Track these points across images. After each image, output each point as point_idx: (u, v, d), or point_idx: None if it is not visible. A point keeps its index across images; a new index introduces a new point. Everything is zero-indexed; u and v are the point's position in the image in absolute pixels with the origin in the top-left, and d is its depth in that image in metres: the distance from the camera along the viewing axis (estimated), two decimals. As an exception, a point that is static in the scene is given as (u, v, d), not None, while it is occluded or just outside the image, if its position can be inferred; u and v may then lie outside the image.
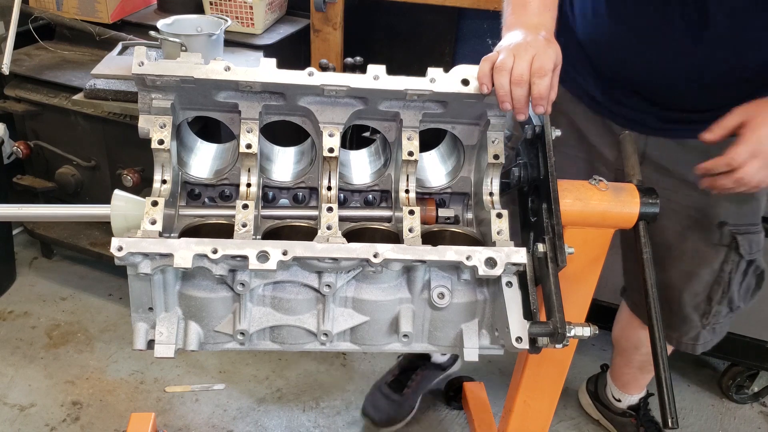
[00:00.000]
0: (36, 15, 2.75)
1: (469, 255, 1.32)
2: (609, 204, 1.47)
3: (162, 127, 1.39)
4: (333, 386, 2.61)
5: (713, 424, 2.58)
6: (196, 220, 1.51)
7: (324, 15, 2.95)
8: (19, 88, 2.67)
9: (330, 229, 1.38)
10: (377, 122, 1.55)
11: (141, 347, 1.40)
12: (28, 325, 2.80)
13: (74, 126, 2.63)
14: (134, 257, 1.27)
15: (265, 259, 1.28)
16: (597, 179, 1.50)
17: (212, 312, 1.41)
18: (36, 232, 2.98)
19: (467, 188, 1.60)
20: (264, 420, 2.45)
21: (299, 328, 1.44)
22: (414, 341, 1.48)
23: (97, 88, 2.36)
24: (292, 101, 1.44)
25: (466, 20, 3.14)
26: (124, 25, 2.85)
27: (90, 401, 2.47)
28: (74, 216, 1.62)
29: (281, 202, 1.61)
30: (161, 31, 2.34)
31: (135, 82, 1.37)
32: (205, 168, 1.59)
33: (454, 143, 1.63)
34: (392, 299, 1.43)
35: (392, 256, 1.31)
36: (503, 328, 1.37)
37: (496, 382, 2.62)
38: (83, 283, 3.05)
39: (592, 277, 1.59)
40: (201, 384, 2.57)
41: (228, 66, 1.35)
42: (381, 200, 1.63)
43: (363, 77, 1.39)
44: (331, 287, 1.38)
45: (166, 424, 2.40)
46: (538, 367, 1.77)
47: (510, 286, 1.38)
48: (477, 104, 1.45)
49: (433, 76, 1.40)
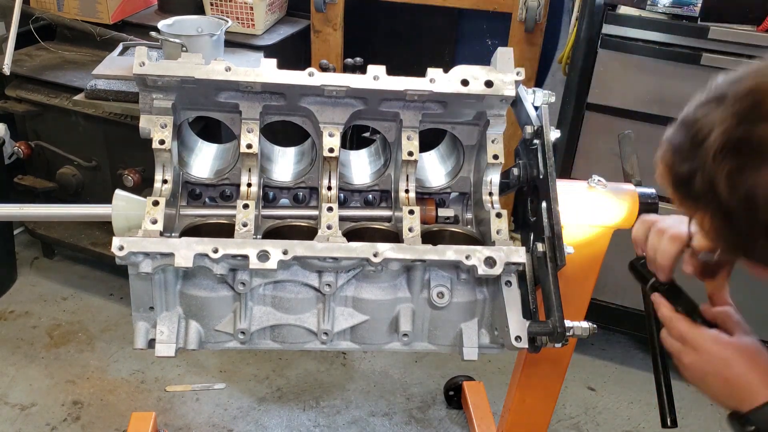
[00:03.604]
0: (37, 15, 2.76)
1: (469, 254, 1.33)
2: (608, 203, 1.48)
3: (163, 127, 1.40)
4: (333, 385, 2.61)
5: (713, 424, 2.58)
6: (196, 219, 1.51)
7: (324, 16, 2.96)
8: (20, 88, 2.68)
9: (330, 228, 1.38)
10: (377, 122, 1.55)
11: (142, 346, 1.40)
12: (29, 324, 2.81)
13: (75, 126, 2.64)
14: (135, 257, 1.28)
15: (266, 259, 1.28)
16: (596, 179, 1.50)
17: (213, 311, 1.41)
18: (37, 232, 2.98)
19: (467, 188, 1.60)
20: (264, 419, 2.45)
21: (299, 327, 1.44)
22: (414, 340, 1.48)
23: (97, 89, 2.37)
24: (292, 101, 1.45)
25: (466, 21, 3.15)
26: (124, 25, 2.85)
27: (91, 401, 2.48)
28: (75, 216, 1.62)
29: (281, 201, 1.62)
30: (162, 32, 2.34)
31: (136, 82, 1.37)
32: (206, 168, 1.59)
33: (454, 143, 1.63)
34: (392, 298, 1.44)
35: (392, 256, 1.32)
36: (503, 327, 1.37)
37: (496, 381, 2.63)
38: (84, 282, 3.05)
39: (592, 276, 1.60)
40: (201, 383, 2.58)
41: (229, 66, 1.36)
42: (381, 200, 1.63)
43: (363, 77, 1.39)
44: (332, 286, 1.38)
45: (166, 423, 2.40)
46: (537, 367, 1.77)
47: (509, 285, 1.38)
48: (477, 104, 1.45)
49: (433, 76, 1.40)
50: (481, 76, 1.42)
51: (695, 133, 0.90)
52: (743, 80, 0.89)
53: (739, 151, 0.85)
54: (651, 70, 2.22)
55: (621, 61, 2.25)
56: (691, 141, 0.91)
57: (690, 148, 0.91)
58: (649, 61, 2.21)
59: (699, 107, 0.93)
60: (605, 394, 2.66)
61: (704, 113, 0.90)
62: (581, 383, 2.68)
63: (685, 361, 1.14)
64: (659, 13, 2.16)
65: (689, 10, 2.11)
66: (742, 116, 0.85)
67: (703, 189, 0.90)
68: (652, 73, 2.23)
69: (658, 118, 2.28)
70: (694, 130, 0.91)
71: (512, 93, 1.42)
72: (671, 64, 2.19)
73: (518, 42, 2.77)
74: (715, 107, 0.89)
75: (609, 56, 2.26)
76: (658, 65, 2.21)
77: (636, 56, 2.22)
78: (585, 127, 2.40)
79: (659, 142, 1.03)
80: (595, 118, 2.37)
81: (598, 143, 2.39)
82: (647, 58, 2.21)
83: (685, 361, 1.14)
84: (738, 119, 0.86)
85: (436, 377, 2.66)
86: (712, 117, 0.88)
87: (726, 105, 0.87)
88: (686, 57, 2.16)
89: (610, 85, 2.30)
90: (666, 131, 0.99)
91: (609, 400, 2.63)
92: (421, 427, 2.47)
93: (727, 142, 0.86)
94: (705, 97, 0.93)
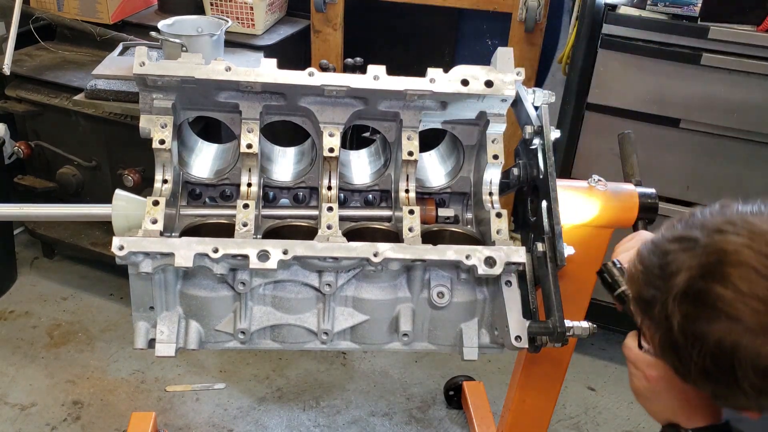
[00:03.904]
0: (37, 15, 2.76)
1: (469, 254, 1.33)
2: (608, 203, 1.48)
3: (163, 127, 1.40)
4: (333, 385, 2.61)
5: (712, 423, 2.58)
6: (196, 219, 1.51)
7: (324, 16, 2.96)
8: (20, 88, 2.68)
9: (330, 228, 1.38)
10: (377, 122, 1.55)
11: (142, 346, 1.40)
12: (29, 324, 2.81)
13: (75, 126, 2.64)
14: (135, 256, 1.28)
15: (266, 258, 1.28)
16: (596, 179, 1.50)
17: (213, 311, 1.42)
18: (37, 232, 2.98)
19: (467, 188, 1.60)
20: (264, 419, 2.45)
21: (300, 327, 1.44)
22: (414, 340, 1.48)
23: (98, 89, 2.37)
24: (292, 101, 1.45)
25: (465, 21, 3.15)
26: (124, 25, 2.85)
27: (91, 401, 2.48)
28: (75, 216, 1.62)
29: (282, 201, 1.62)
30: (162, 32, 2.34)
31: (136, 82, 1.38)
32: (206, 168, 1.59)
33: (454, 143, 1.64)
34: (392, 298, 1.44)
35: (392, 255, 1.32)
36: (503, 326, 1.37)
37: (496, 381, 2.63)
38: (84, 282, 3.05)
39: (591, 276, 1.60)
40: (202, 383, 2.58)
41: (229, 66, 1.36)
42: (381, 200, 1.63)
43: (363, 77, 1.39)
44: (332, 286, 1.38)
45: (166, 423, 2.40)
46: (537, 366, 1.77)
47: (509, 285, 1.39)
48: (477, 104, 1.45)
49: (433, 76, 1.41)
50: (481, 76, 1.42)
51: (665, 265, 0.98)
52: (718, 233, 0.95)
53: (697, 301, 0.93)
54: (651, 70, 2.23)
55: (621, 61, 2.25)
56: (660, 270, 0.98)
57: (658, 276, 0.98)
58: (649, 61, 2.21)
59: (674, 240, 0.99)
60: (605, 394, 2.66)
61: (677, 249, 0.97)
62: (581, 383, 2.68)
63: (635, 383, 1.26)
64: (659, 13, 2.16)
65: (689, 10, 2.11)
66: (706, 270, 0.93)
67: (659, 317, 0.98)
68: (652, 73, 2.23)
69: (658, 118, 2.29)
70: (665, 262, 0.98)
71: (512, 93, 1.42)
72: (671, 64, 2.19)
73: (518, 42, 2.77)
74: (686, 248, 0.96)
75: (609, 56, 2.26)
76: (658, 65, 2.21)
77: (636, 56, 2.22)
78: (585, 127, 2.40)
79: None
80: (595, 118, 2.37)
81: (598, 143, 2.39)
82: (647, 58, 2.21)
83: (636, 383, 1.25)
84: (702, 271, 0.93)
85: (436, 377, 2.66)
86: (682, 258, 0.95)
87: (696, 252, 0.95)
88: (686, 57, 2.16)
89: (610, 85, 2.30)
90: (644, 245, 1.06)
91: (609, 400, 2.63)
92: (421, 427, 2.47)
93: (689, 289, 0.93)
94: (682, 229, 1.00)
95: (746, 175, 2.27)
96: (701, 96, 2.21)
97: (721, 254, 0.92)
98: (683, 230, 0.99)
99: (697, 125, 2.27)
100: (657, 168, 2.32)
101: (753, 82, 2.13)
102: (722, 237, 0.93)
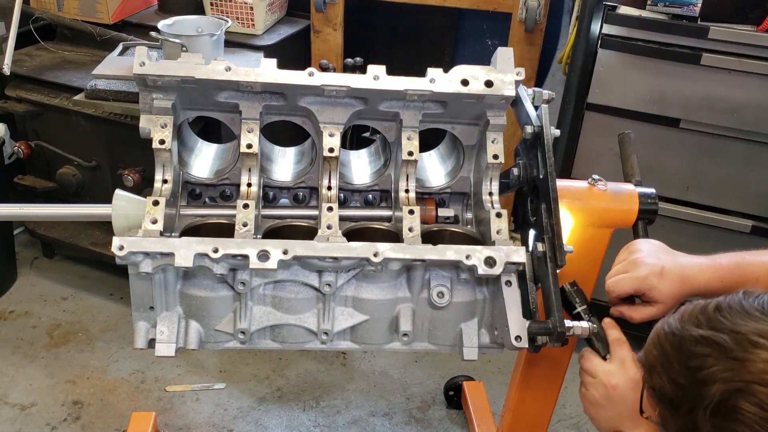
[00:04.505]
0: (37, 15, 2.76)
1: (469, 254, 1.33)
2: (608, 203, 1.48)
3: (163, 127, 1.40)
4: (333, 385, 2.61)
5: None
6: (196, 219, 1.51)
7: (324, 16, 2.96)
8: (20, 88, 2.68)
9: (330, 228, 1.38)
10: (377, 122, 1.55)
11: (142, 346, 1.40)
12: (29, 324, 2.81)
13: (75, 126, 2.64)
14: (135, 256, 1.28)
15: (266, 258, 1.28)
16: (596, 179, 1.50)
17: (213, 311, 1.41)
18: (37, 232, 2.98)
19: (467, 188, 1.60)
20: (264, 419, 2.45)
21: (299, 327, 1.44)
22: (414, 340, 1.48)
23: (97, 89, 2.37)
24: (292, 101, 1.45)
25: (465, 21, 3.15)
26: (124, 25, 2.85)
27: (91, 401, 2.48)
28: (75, 216, 1.62)
29: (282, 201, 1.62)
30: (162, 32, 2.34)
31: (136, 82, 1.38)
32: (206, 168, 1.59)
33: (454, 143, 1.64)
34: (392, 298, 1.44)
35: (392, 255, 1.32)
36: (503, 326, 1.37)
37: (496, 381, 2.63)
38: (84, 282, 3.05)
39: (592, 276, 1.60)
40: (201, 383, 2.58)
41: (229, 66, 1.36)
42: (381, 200, 1.63)
43: (363, 77, 1.39)
44: (332, 286, 1.38)
45: (166, 423, 2.40)
46: (537, 366, 1.77)
47: (509, 285, 1.38)
48: (476, 104, 1.45)
49: (433, 76, 1.40)
50: (481, 76, 1.42)
51: (694, 370, 0.98)
52: (752, 346, 0.94)
53: (729, 417, 0.93)
54: (651, 70, 2.23)
55: (621, 61, 2.25)
56: (688, 373, 0.98)
57: (686, 378, 0.98)
58: (649, 61, 2.22)
59: (701, 342, 0.98)
60: (605, 394, 2.66)
61: (706, 354, 0.97)
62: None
63: (591, 392, 1.31)
64: (659, 13, 2.16)
65: (689, 10, 2.11)
66: (741, 387, 0.93)
67: (685, 421, 0.99)
68: (652, 73, 2.23)
69: (658, 118, 2.29)
70: (693, 365, 0.98)
71: (512, 93, 1.42)
72: (671, 64, 2.19)
73: (518, 42, 2.77)
74: (718, 357, 0.96)
75: (609, 56, 2.26)
76: (658, 65, 2.21)
77: (636, 56, 2.22)
78: (585, 127, 2.40)
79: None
80: (595, 118, 2.38)
81: (598, 143, 2.39)
82: (647, 58, 2.21)
83: (592, 392, 1.31)
84: (737, 387, 0.93)
85: (436, 377, 2.66)
86: (714, 368, 0.95)
87: (728, 365, 0.94)
88: (686, 57, 2.16)
89: (610, 85, 2.30)
90: (662, 329, 1.06)
91: (609, 400, 2.63)
92: (421, 427, 2.47)
93: (722, 405, 0.93)
94: (708, 328, 0.99)
95: (746, 175, 2.26)
96: (701, 96, 2.21)
97: (757, 375, 0.92)
98: (710, 331, 0.98)
99: (697, 125, 2.27)
100: (657, 168, 2.33)
101: (753, 82, 2.13)
102: (756, 354, 0.93)
